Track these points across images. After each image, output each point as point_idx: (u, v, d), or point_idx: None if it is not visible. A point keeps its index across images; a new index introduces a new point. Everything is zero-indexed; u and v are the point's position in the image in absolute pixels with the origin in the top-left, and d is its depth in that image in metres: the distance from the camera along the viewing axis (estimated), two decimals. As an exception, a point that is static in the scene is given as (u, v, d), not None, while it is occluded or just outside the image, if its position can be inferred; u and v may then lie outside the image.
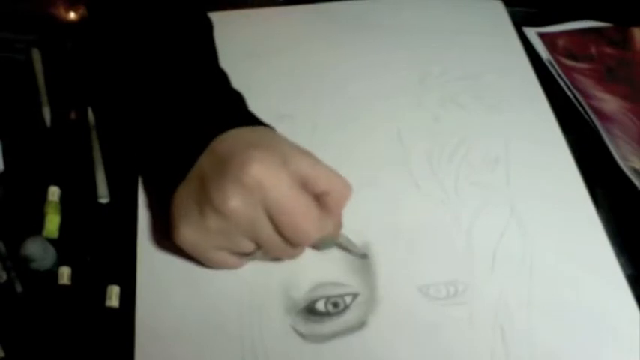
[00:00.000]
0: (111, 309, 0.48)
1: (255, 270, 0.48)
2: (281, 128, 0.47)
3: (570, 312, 0.47)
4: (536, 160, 0.55)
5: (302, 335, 0.46)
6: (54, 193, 0.54)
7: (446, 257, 0.49)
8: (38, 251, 0.50)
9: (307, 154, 0.45)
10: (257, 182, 0.41)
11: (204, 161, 0.44)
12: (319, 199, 0.45)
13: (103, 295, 0.49)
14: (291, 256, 0.47)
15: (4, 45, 0.63)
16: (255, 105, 0.49)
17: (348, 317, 0.46)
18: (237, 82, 0.52)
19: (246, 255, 0.46)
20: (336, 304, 0.46)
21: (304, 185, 0.44)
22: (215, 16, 0.59)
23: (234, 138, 0.45)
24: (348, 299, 0.47)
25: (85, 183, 0.55)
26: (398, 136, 0.56)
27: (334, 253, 0.49)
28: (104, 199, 0.54)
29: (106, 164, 0.56)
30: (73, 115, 0.59)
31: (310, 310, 0.46)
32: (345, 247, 0.49)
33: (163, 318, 0.46)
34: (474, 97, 0.59)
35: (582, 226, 0.51)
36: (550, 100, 0.59)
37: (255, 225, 0.43)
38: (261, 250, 0.45)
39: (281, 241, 0.44)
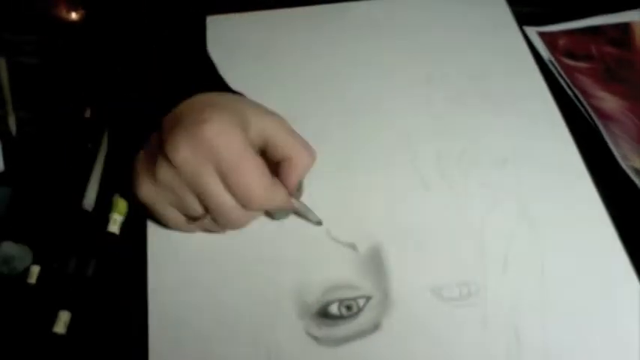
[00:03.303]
0: (57, 335, 0.48)
1: (267, 275, 0.48)
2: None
3: (583, 312, 0.47)
4: (545, 159, 0.55)
5: (316, 339, 0.46)
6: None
7: (457, 258, 0.49)
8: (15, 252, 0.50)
9: (274, 119, 0.46)
10: (209, 140, 0.42)
11: (167, 120, 0.45)
12: (278, 165, 0.46)
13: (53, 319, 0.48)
14: (239, 222, 0.46)
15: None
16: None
17: (362, 320, 0.46)
18: (243, 83, 0.51)
19: (197, 219, 0.46)
20: (349, 307, 0.46)
21: (265, 149, 0.45)
22: (220, 19, 0.59)
23: (197, 100, 0.46)
24: (361, 302, 0.47)
25: (75, 187, 0.54)
26: (406, 137, 0.56)
27: (345, 256, 0.49)
28: (89, 207, 0.53)
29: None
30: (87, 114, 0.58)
31: (324, 314, 0.46)
32: (302, 215, 0.50)
33: (175, 323, 0.46)
34: (482, 97, 0.59)
35: (593, 226, 0.51)
36: (550, 99, 0.59)
37: (202, 180, 0.43)
38: (210, 215, 0.45)
39: (229, 201, 0.44)
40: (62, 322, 0.48)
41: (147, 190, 0.45)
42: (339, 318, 0.46)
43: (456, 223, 0.51)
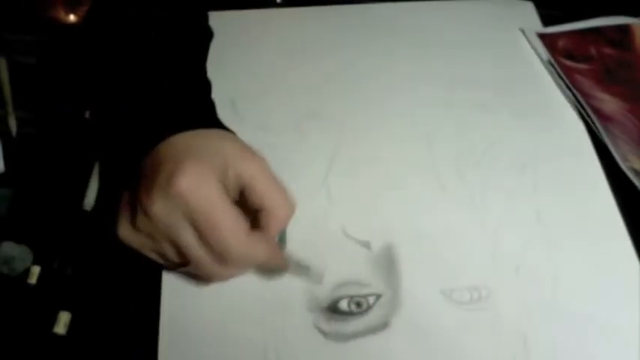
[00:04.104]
0: (57, 336, 0.48)
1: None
2: (309, 126, 0.47)
3: (594, 322, 0.46)
4: (564, 167, 0.55)
5: (324, 334, 0.46)
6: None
7: (470, 262, 0.49)
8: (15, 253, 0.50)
9: (254, 165, 0.43)
10: (181, 193, 0.41)
11: (148, 162, 0.44)
12: (256, 215, 0.44)
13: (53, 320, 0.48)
14: (220, 276, 0.45)
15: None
16: (287, 103, 0.49)
17: (371, 318, 0.46)
18: (268, 80, 0.51)
19: (181, 264, 0.45)
20: (359, 304, 0.46)
21: (242, 196, 0.43)
22: (246, 14, 0.60)
23: (176, 143, 0.44)
24: (371, 299, 0.47)
25: (75, 187, 0.54)
26: (426, 139, 0.56)
27: (358, 253, 0.49)
28: (89, 207, 0.53)
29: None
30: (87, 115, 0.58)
31: (333, 309, 0.46)
32: (298, 273, 0.47)
33: (187, 316, 0.46)
34: (503, 102, 0.58)
35: (609, 236, 0.51)
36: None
37: (175, 232, 0.42)
38: (190, 266, 0.44)
39: (205, 256, 0.42)
40: (62, 322, 0.48)
41: (127, 234, 0.44)
42: (348, 314, 0.46)
43: (470, 225, 0.51)
